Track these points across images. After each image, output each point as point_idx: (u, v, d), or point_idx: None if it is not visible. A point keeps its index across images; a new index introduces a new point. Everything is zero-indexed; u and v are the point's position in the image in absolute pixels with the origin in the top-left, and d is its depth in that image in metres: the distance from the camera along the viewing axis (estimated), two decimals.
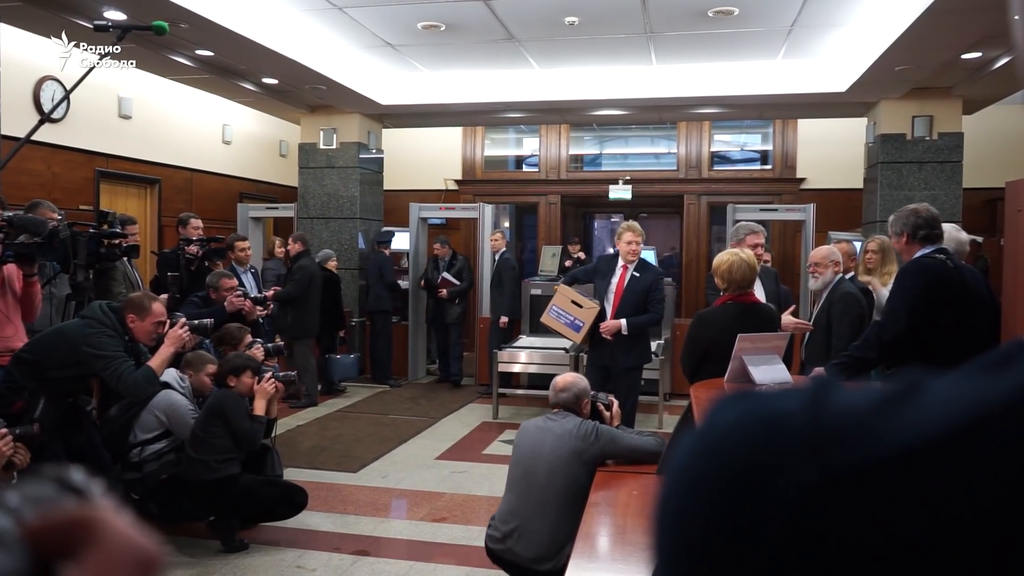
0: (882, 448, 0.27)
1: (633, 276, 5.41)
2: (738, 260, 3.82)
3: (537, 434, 3.26)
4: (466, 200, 10.73)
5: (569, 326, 5.41)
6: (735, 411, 0.31)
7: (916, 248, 3.54)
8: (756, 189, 10.75)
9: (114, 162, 7.92)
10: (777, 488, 0.27)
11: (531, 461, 3.19)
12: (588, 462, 3.19)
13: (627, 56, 7.64)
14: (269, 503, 4.11)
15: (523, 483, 3.19)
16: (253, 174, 10.43)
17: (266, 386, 4.07)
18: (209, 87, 8.66)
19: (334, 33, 7.01)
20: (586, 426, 3.25)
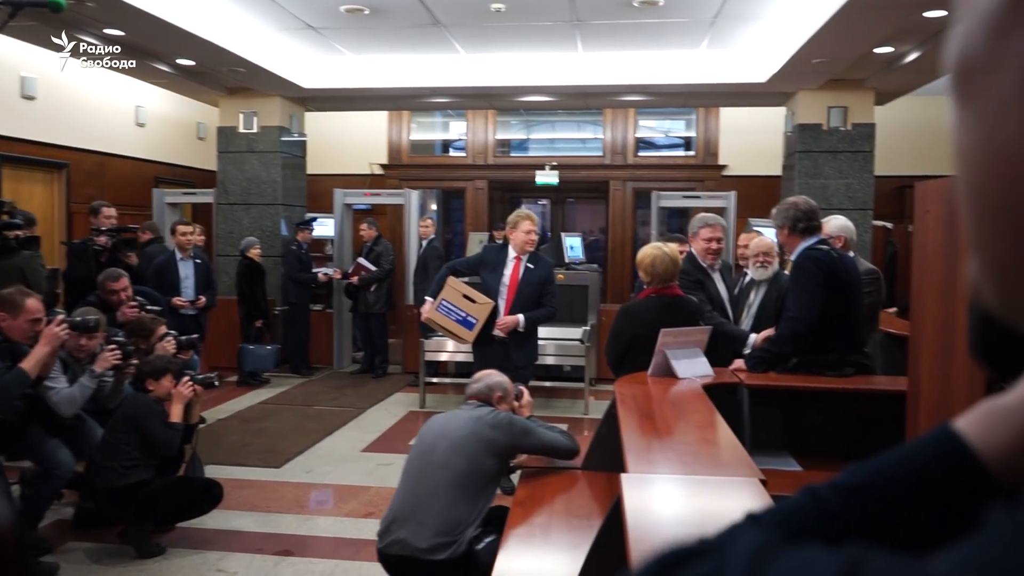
0: None
1: (527, 268, 5.00)
2: (660, 254, 3.91)
3: (444, 420, 3.16)
4: (392, 185, 10.59)
5: (460, 323, 4.94)
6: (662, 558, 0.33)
7: (798, 240, 3.67)
8: (680, 176, 10.92)
9: (17, 146, 7.51)
10: None
11: (432, 443, 3.02)
12: (499, 453, 3.05)
13: (553, 43, 7.63)
14: (185, 502, 3.99)
15: (417, 470, 2.98)
16: (169, 158, 10.06)
17: (183, 390, 3.91)
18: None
19: (253, 14, 6.78)
20: (499, 415, 3.12)
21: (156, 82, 9.06)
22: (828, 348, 3.55)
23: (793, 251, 3.68)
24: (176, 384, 3.91)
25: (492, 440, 3.00)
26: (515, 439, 3.08)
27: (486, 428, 3.02)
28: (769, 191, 9.61)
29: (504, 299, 4.98)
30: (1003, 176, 0.29)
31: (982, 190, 0.31)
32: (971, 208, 0.32)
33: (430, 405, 7.16)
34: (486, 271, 5.06)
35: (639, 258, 4.00)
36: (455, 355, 7.44)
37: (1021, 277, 0.31)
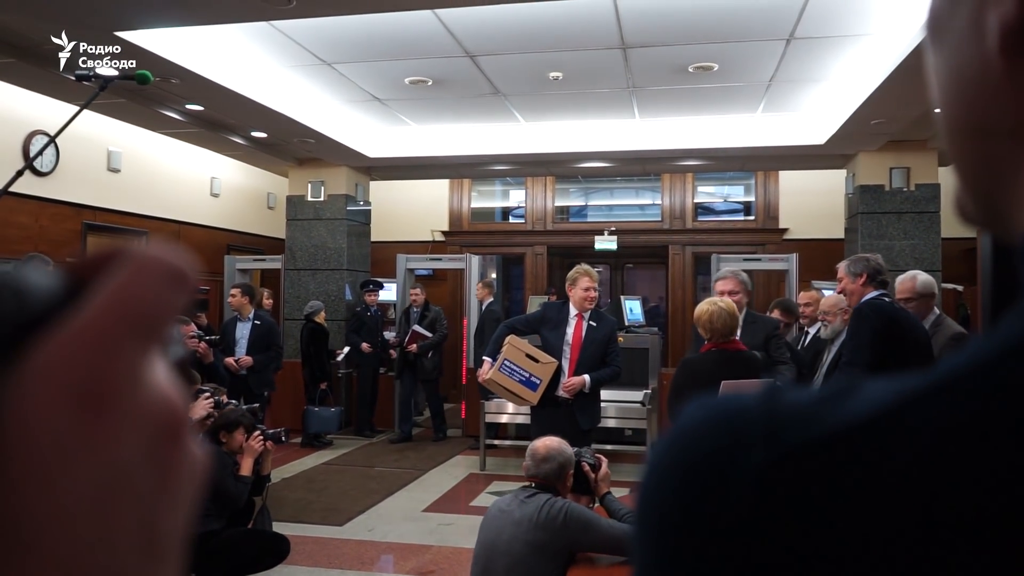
0: (825, 428, 0.30)
1: (590, 326, 4.84)
2: (717, 309, 3.91)
3: (496, 522, 2.70)
4: (453, 251, 10.80)
5: (524, 384, 4.72)
6: (701, 410, 0.34)
7: (869, 290, 3.69)
8: (740, 239, 10.89)
9: (102, 215, 7.95)
10: (734, 471, 0.31)
11: (488, 557, 2.64)
12: (555, 555, 2.59)
13: (610, 110, 7.80)
14: (252, 555, 4.04)
15: None
16: (241, 226, 10.48)
17: (254, 444, 3.98)
18: (198, 140, 8.75)
19: (322, 88, 7.13)
20: (552, 508, 2.62)
21: (230, 154, 9.52)
22: None
23: (856, 300, 3.68)
24: (248, 438, 4.00)
25: (545, 544, 2.57)
26: (572, 538, 2.62)
27: (538, 531, 2.58)
28: (831, 253, 9.49)
29: (568, 359, 4.79)
30: (964, 97, 0.35)
31: (952, 114, 0.37)
32: (947, 132, 0.37)
33: (490, 468, 7.13)
34: (547, 329, 4.92)
35: (697, 314, 3.99)
36: (515, 417, 7.43)
37: (992, 188, 0.36)
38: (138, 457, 0.22)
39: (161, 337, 0.23)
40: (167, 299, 0.23)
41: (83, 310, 0.22)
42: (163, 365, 0.23)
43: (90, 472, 0.21)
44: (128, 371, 0.22)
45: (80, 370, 0.21)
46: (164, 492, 0.23)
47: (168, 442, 0.23)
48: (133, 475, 0.22)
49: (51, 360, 0.21)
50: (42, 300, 0.21)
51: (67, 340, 0.21)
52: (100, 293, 0.22)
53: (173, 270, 0.23)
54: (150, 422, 0.22)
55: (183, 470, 0.24)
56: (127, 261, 0.23)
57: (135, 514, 0.22)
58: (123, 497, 0.22)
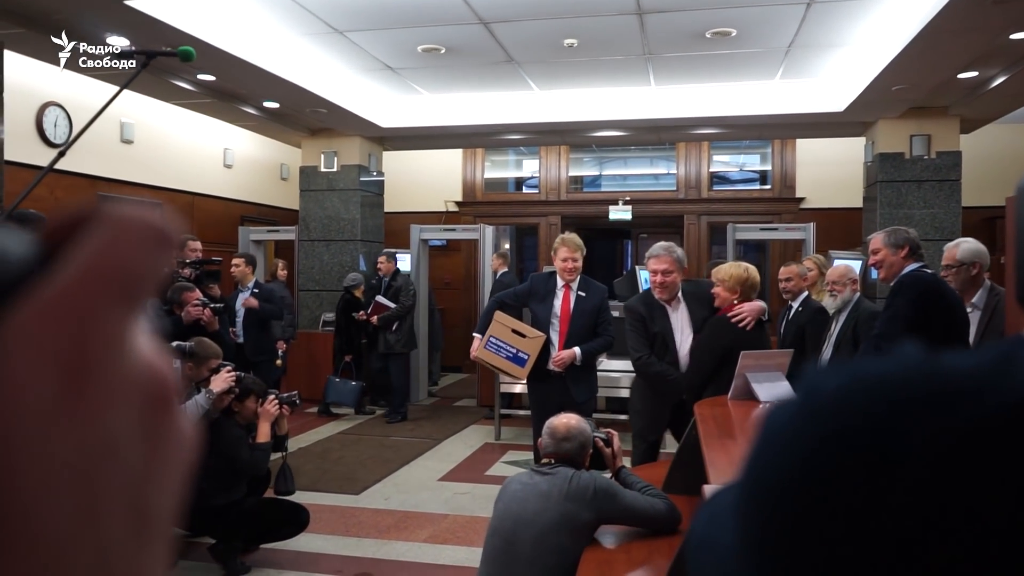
0: (1006, 398, 0.28)
1: (579, 296, 4.68)
2: (747, 271, 4.02)
3: (520, 494, 2.64)
4: (467, 222, 10.76)
5: (511, 360, 4.63)
6: (841, 376, 0.32)
7: (909, 263, 3.60)
8: (756, 209, 10.79)
9: (116, 187, 7.95)
10: (903, 447, 0.28)
11: (512, 530, 2.57)
12: (582, 528, 2.57)
13: (626, 77, 7.70)
14: (272, 524, 4.07)
15: (502, 563, 2.58)
16: (254, 197, 10.47)
17: (269, 408, 4.00)
18: (210, 111, 8.71)
19: (334, 57, 7.06)
20: (580, 480, 2.59)
21: (243, 125, 9.48)
22: None
23: (895, 273, 3.61)
24: (261, 404, 4.01)
25: (573, 515, 2.55)
26: (600, 510, 2.60)
27: (567, 503, 2.56)
28: (849, 223, 9.39)
29: (557, 331, 4.67)
30: None
31: None
32: None
33: (505, 438, 7.16)
34: (535, 302, 4.76)
35: (725, 275, 4.00)
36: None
37: None
38: (125, 429, 0.21)
39: (144, 301, 0.21)
40: (149, 261, 0.22)
41: (61, 274, 0.20)
42: (146, 331, 0.22)
43: (74, 444, 0.19)
44: (111, 338, 0.21)
45: (61, 337, 0.20)
46: (153, 465, 0.22)
47: (157, 413, 0.22)
48: (120, 447, 0.21)
49: (30, 327, 0.19)
50: (17, 263, 0.20)
51: (46, 306, 0.20)
52: (78, 255, 0.21)
53: (154, 230, 0.22)
54: (137, 392, 0.21)
55: (173, 442, 0.23)
56: (105, 221, 0.21)
57: (122, 488, 0.21)
58: (110, 470, 0.20)
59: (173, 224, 0.23)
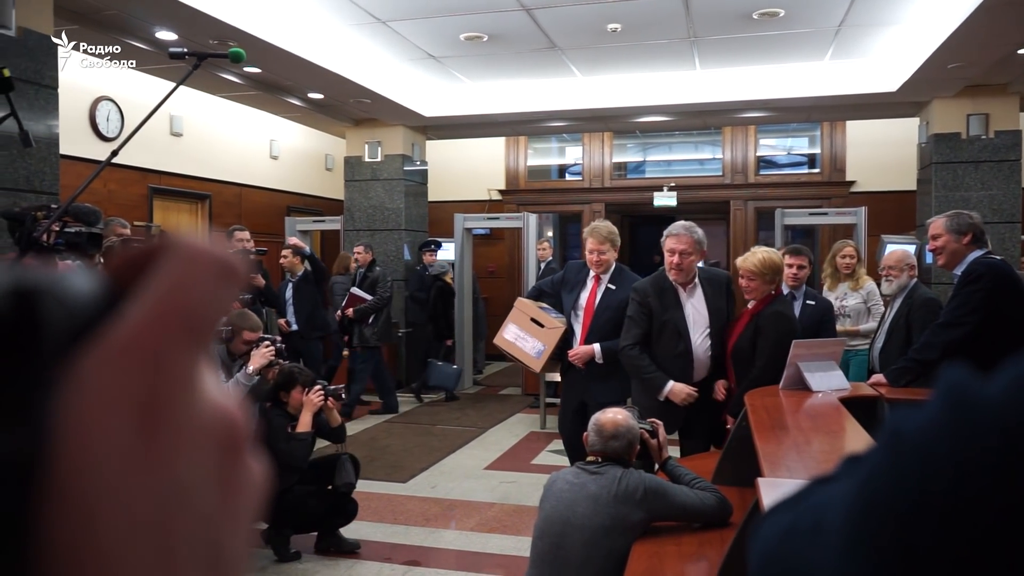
0: None
1: (608, 289, 4.30)
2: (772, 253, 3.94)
3: (568, 495, 2.57)
4: (510, 210, 10.74)
5: (528, 350, 4.44)
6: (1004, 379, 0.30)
7: (973, 250, 3.48)
8: (804, 193, 10.58)
9: (166, 179, 8.10)
10: None
11: (561, 533, 2.51)
12: (632, 528, 2.51)
13: (670, 61, 7.58)
14: (320, 514, 4.12)
15: (553, 562, 2.53)
16: (300, 188, 10.59)
17: (313, 398, 3.97)
18: (257, 103, 8.82)
19: (378, 47, 7.08)
20: (630, 481, 2.53)
21: (288, 116, 9.58)
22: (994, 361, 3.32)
23: (957, 261, 3.50)
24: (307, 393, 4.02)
25: (624, 516, 2.49)
26: (650, 511, 2.53)
27: (617, 504, 2.49)
28: (902, 206, 9.16)
29: (580, 324, 4.32)
30: None
31: None
32: None
33: (550, 426, 7.14)
34: (565, 291, 4.45)
35: (759, 264, 3.82)
36: None
37: None
38: (198, 474, 0.20)
39: (211, 340, 0.21)
40: (217, 298, 0.21)
41: (129, 315, 0.20)
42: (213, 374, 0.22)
43: (149, 491, 0.19)
44: (182, 381, 0.20)
45: (133, 382, 0.19)
46: (226, 509, 0.21)
47: (228, 457, 0.22)
48: (194, 493, 0.20)
49: (101, 372, 0.19)
50: (86, 305, 0.20)
51: (116, 349, 0.19)
52: (146, 295, 0.20)
53: (221, 265, 0.21)
54: (208, 436, 0.21)
55: (244, 487, 0.22)
56: (171, 257, 0.21)
57: (198, 533, 0.20)
58: (184, 517, 0.20)
59: (237, 257, 0.22)
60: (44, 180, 4.66)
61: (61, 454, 0.18)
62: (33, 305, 0.19)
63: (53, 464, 0.18)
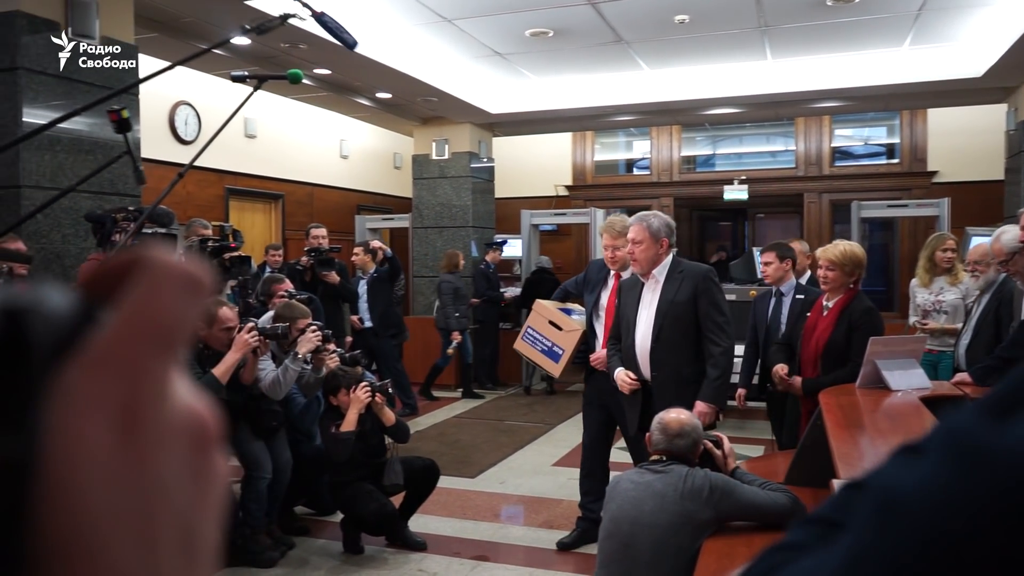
0: None
1: None
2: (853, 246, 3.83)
3: (633, 494, 2.54)
4: (577, 205, 10.70)
5: (546, 354, 4.20)
6: None
7: None
8: (882, 184, 10.22)
9: (241, 179, 8.34)
10: None
11: (630, 532, 2.50)
12: (701, 526, 2.48)
13: (740, 52, 7.42)
14: (364, 517, 4.04)
15: (622, 562, 2.52)
16: (370, 186, 10.76)
17: (359, 395, 3.96)
18: (327, 104, 8.99)
19: (444, 45, 7.13)
20: (695, 479, 2.50)
21: (357, 116, 9.74)
22: None
23: None
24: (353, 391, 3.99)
25: (691, 514, 2.47)
26: (719, 508, 2.49)
27: (684, 501, 2.47)
28: (988, 197, 8.76)
29: (602, 325, 3.99)
30: None
31: None
32: None
33: None
34: (587, 292, 4.15)
35: (839, 255, 3.74)
36: None
37: None
38: (173, 468, 0.23)
39: (182, 348, 0.23)
40: (184, 311, 0.23)
41: (105, 329, 0.22)
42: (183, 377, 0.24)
43: (132, 484, 0.21)
44: (156, 386, 0.22)
45: (112, 390, 0.21)
46: (197, 499, 0.24)
47: (199, 453, 0.24)
48: (170, 485, 0.23)
49: (83, 382, 0.21)
50: (64, 320, 0.22)
51: (95, 361, 0.21)
52: (121, 310, 0.22)
53: (189, 279, 0.23)
54: (181, 436, 0.23)
55: (213, 479, 0.25)
56: (142, 273, 0.23)
57: (174, 520, 0.23)
58: (163, 506, 0.22)
59: (204, 270, 0.24)
60: (127, 183, 4.84)
61: (52, 455, 0.20)
62: (21, 323, 0.21)
63: (45, 464, 0.20)
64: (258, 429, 4.03)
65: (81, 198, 4.37)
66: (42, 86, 4.36)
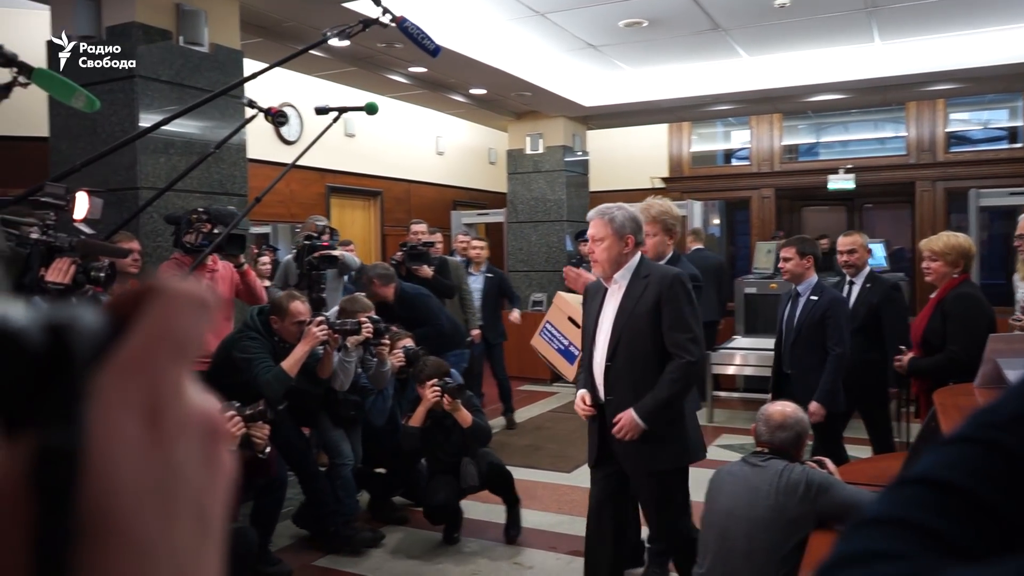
0: None
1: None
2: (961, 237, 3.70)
3: (730, 486, 2.56)
4: (674, 198, 10.50)
5: (562, 354, 3.72)
6: None
7: None
8: (1003, 171, 9.61)
9: (341, 178, 8.57)
10: None
11: (725, 524, 2.51)
12: (795, 522, 2.41)
13: (845, 35, 7.11)
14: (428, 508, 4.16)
15: (719, 552, 2.53)
16: (465, 182, 10.88)
17: (427, 393, 4.00)
18: (422, 101, 9.13)
19: (537, 39, 7.12)
20: (792, 475, 2.46)
21: (452, 112, 9.86)
22: None
23: None
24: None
25: (785, 508, 2.42)
26: (816, 506, 2.42)
27: (780, 496, 2.43)
28: None
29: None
30: None
31: None
32: None
33: (718, 420, 6.95)
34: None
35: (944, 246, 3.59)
36: (742, 369, 7.16)
37: None
38: (188, 455, 0.28)
39: (194, 355, 0.28)
40: (194, 325, 0.28)
41: (129, 341, 0.27)
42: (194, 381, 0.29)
43: (154, 468, 0.26)
44: (172, 387, 0.27)
45: (137, 390, 0.26)
46: (209, 482, 0.29)
47: (209, 443, 0.29)
48: (185, 468, 0.27)
49: (113, 383, 0.26)
50: (95, 334, 0.26)
51: (122, 367, 0.26)
52: (142, 326, 0.27)
53: (197, 300, 0.28)
54: (195, 429, 0.28)
55: (221, 465, 0.29)
56: (159, 296, 0.28)
57: (189, 496, 0.27)
58: (179, 486, 0.27)
59: (211, 293, 0.29)
60: (235, 183, 5.05)
61: (92, 444, 0.25)
62: (64, 336, 0.26)
63: (88, 451, 0.25)
64: (336, 419, 4.18)
65: (193, 198, 4.58)
66: (156, 92, 4.59)
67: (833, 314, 4.06)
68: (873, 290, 4.45)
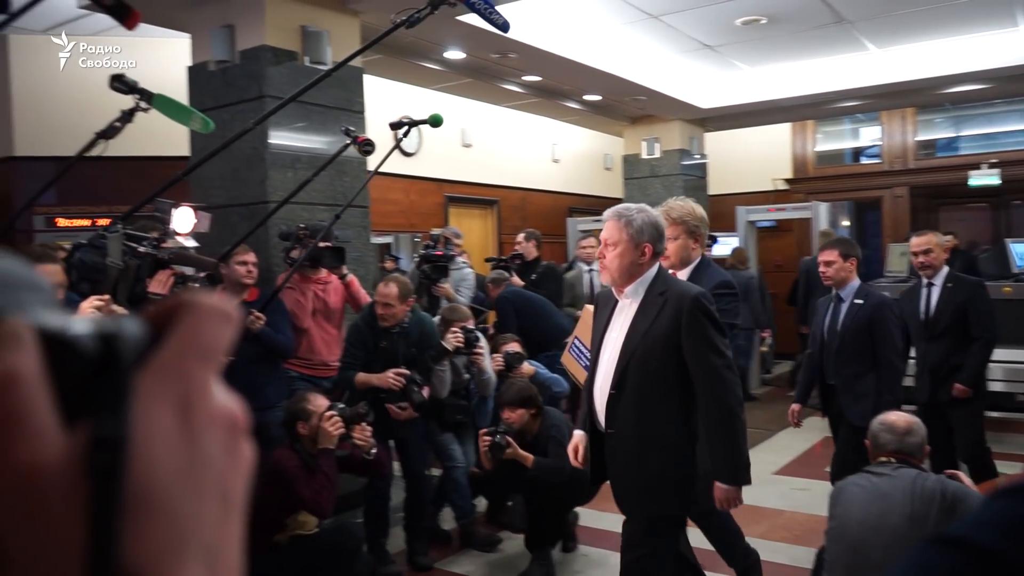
0: None
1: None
2: None
3: (860, 497, 2.44)
4: (798, 199, 10.12)
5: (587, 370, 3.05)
6: None
7: None
8: None
9: (459, 187, 8.74)
10: None
11: (858, 536, 2.40)
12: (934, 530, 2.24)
13: (985, 20, 6.66)
14: None
15: (851, 566, 2.42)
16: (580, 189, 10.86)
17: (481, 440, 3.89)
18: (537, 109, 9.19)
19: (652, 42, 7.03)
20: (927, 483, 2.36)
21: (567, 120, 9.87)
22: None
23: None
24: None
25: (925, 519, 2.30)
26: (951, 511, 2.30)
27: (916, 503, 2.31)
28: None
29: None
30: None
31: None
32: None
33: None
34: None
35: None
36: None
37: None
38: (214, 444, 0.32)
39: (220, 360, 0.33)
40: (220, 336, 0.33)
41: (164, 347, 0.31)
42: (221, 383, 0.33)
43: (187, 454, 0.31)
44: (201, 387, 0.32)
45: (171, 388, 0.31)
46: (232, 468, 0.33)
47: (232, 437, 0.33)
48: (212, 456, 0.32)
49: (154, 384, 0.30)
50: (141, 342, 0.31)
51: (159, 368, 0.31)
52: (176, 335, 0.32)
53: (223, 313, 0.33)
54: (220, 423, 0.32)
55: (242, 455, 0.33)
56: (190, 309, 0.32)
57: (214, 480, 0.32)
58: (207, 470, 0.31)
59: (234, 305, 0.34)
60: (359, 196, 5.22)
61: (136, 432, 0.29)
62: (113, 343, 0.30)
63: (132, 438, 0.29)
64: (444, 423, 4.28)
65: (318, 210, 4.78)
66: (284, 111, 4.82)
67: (881, 318, 3.86)
68: (957, 289, 4.24)
